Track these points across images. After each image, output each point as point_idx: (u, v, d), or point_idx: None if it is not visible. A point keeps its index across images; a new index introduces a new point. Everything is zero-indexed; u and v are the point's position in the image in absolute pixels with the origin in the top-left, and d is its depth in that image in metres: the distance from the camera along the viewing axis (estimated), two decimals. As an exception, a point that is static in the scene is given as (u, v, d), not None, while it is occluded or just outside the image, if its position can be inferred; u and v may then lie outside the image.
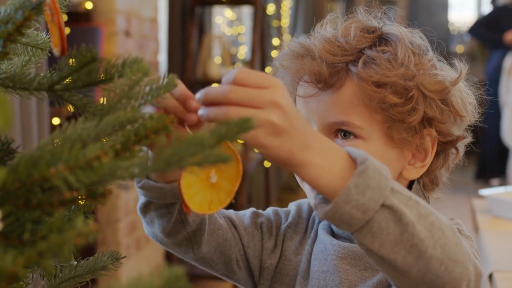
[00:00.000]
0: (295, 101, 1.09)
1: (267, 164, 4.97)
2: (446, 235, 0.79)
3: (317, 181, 0.78)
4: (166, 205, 1.01)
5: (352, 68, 1.00)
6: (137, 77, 0.68)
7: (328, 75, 1.00)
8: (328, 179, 0.77)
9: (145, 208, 1.02)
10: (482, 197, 2.45)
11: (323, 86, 1.01)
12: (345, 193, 0.76)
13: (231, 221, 1.14)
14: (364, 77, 0.98)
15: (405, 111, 0.99)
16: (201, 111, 0.78)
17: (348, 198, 0.76)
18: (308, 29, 1.10)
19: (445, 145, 1.06)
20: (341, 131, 1.01)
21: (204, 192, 0.81)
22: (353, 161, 0.79)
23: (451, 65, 1.07)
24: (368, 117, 1.00)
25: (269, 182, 5.04)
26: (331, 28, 1.08)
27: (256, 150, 0.98)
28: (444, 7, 9.77)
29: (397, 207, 0.76)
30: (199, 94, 0.78)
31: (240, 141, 0.73)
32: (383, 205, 0.76)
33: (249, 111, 0.74)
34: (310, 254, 1.13)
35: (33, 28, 0.75)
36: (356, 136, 1.00)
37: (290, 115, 0.76)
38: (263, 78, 0.76)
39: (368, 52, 1.01)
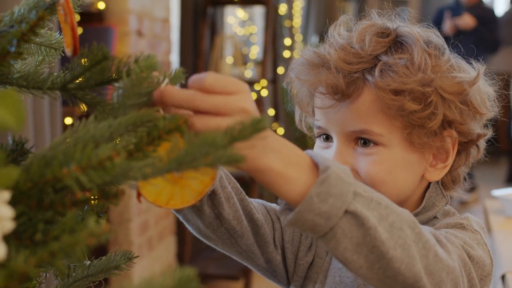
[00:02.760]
0: (313, 111, 1.09)
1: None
2: (405, 233, 0.79)
3: (275, 187, 0.76)
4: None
5: (369, 77, 0.99)
6: (146, 73, 0.68)
7: (345, 87, 0.99)
8: (287, 186, 0.76)
9: None
10: (494, 197, 2.44)
11: (340, 97, 1.00)
12: (307, 202, 0.75)
13: (277, 215, 1.12)
14: (382, 86, 0.97)
15: (425, 116, 0.98)
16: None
17: (311, 207, 0.75)
18: (320, 29, 1.10)
19: (466, 144, 1.06)
20: (361, 139, 1.01)
21: (165, 184, 0.75)
22: (316, 166, 0.77)
23: (469, 63, 1.07)
24: (387, 124, 0.99)
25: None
26: (345, 30, 1.07)
27: None
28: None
29: (360, 212, 0.76)
30: (158, 94, 0.73)
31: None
32: (346, 211, 0.76)
33: (214, 120, 0.72)
34: None
35: (46, 28, 0.75)
36: (376, 144, 1.00)
37: None
38: (232, 84, 0.74)
39: (384, 59, 1.00)
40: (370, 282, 0.82)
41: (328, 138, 1.06)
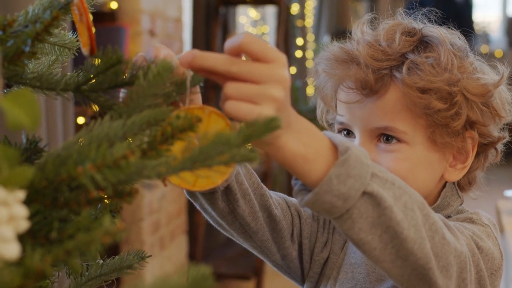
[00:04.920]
0: (335, 106, 1.09)
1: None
2: (416, 214, 0.80)
3: (293, 168, 0.76)
4: (207, 195, 1.01)
5: (397, 74, 1.00)
6: (163, 74, 0.68)
7: (374, 82, 1.00)
8: (306, 166, 0.75)
9: (191, 195, 1.03)
10: (507, 198, 2.43)
11: (368, 92, 1.01)
12: (326, 183, 0.75)
13: (297, 210, 1.13)
14: (409, 84, 0.98)
15: (449, 116, 0.99)
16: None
17: (330, 188, 0.75)
18: (332, 29, 1.11)
19: (485, 146, 1.07)
20: (384, 136, 1.02)
21: None
22: (334, 147, 0.77)
23: (491, 66, 1.07)
24: (412, 122, 1.00)
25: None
26: (369, 29, 1.08)
27: None
28: (469, 7, 9.67)
29: (377, 193, 0.76)
30: (189, 56, 0.71)
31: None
32: (364, 193, 0.76)
33: (250, 87, 0.70)
34: (347, 248, 1.14)
35: (60, 28, 0.75)
36: (399, 141, 1.01)
37: (288, 91, 0.73)
38: (271, 50, 0.71)
39: (411, 57, 1.00)
40: (382, 265, 0.82)
41: (349, 133, 1.06)
